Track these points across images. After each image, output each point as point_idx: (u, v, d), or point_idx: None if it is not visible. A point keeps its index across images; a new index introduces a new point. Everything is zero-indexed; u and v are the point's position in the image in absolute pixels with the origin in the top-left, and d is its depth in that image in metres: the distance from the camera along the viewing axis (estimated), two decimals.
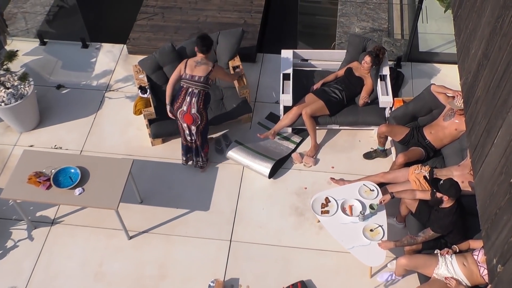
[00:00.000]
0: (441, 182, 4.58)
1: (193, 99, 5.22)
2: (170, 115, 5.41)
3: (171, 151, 6.06)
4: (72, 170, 5.10)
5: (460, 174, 4.98)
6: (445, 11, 7.03)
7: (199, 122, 5.36)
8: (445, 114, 5.47)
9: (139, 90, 5.87)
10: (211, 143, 6.01)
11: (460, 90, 3.79)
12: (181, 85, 5.29)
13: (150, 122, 5.93)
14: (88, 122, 6.35)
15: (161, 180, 5.83)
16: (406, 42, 6.87)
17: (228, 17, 7.27)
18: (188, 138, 5.55)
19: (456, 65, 3.94)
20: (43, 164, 5.14)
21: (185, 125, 5.41)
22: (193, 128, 5.42)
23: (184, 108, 5.27)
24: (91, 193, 4.99)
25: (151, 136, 5.97)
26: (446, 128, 5.43)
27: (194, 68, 5.21)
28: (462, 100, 4.97)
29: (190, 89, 5.21)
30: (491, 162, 2.92)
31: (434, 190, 4.61)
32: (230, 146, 5.92)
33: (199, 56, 5.27)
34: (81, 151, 6.08)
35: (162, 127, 5.92)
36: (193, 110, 5.28)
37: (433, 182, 4.65)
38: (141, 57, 6.51)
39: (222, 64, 6.26)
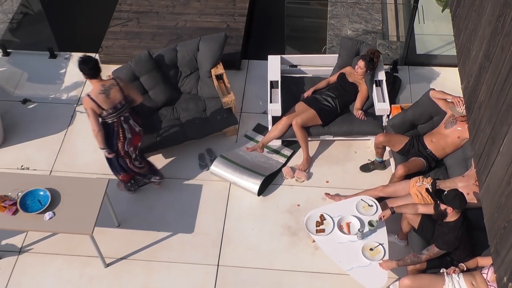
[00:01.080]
0: (445, 192, 4.62)
1: (130, 121, 5.15)
2: (111, 156, 5.24)
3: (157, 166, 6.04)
4: (41, 193, 5.05)
5: (465, 185, 5.03)
6: (442, 11, 7.13)
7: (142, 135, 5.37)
8: (447, 121, 5.53)
9: None
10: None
11: (462, 94, 3.84)
12: (109, 122, 5.05)
13: None
14: (58, 139, 6.31)
15: (140, 200, 5.80)
16: (402, 44, 6.94)
17: (210, 21, 7.31)
18: (137, 163, 5.48)
19: (457, 68, 4.00)
20: (9, 187, 5.09)
21: (131, 149, 5.31)
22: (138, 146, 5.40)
23: (130, 135, 5.20)
24: (63, 217, 4.94)
25: None
26: (448, 136, 5.48)
27: (107, 99, 4.93)
28: (464, 105, 5.03)
29: (121, 118, 5.08)
30: (498, 171, 2.95)
31: (438, 202, 4.64)
32: (215, 162, 5.92)
33: (96, 83, 4.93)
34: (51, 171, 6.03)
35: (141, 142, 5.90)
36: (137, 129, 5.26)
37: (436, 193, 4.69)
38: (115, 66, 6.51)
39: (204, 72, 6.28)
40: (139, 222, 5.64)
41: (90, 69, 4.88)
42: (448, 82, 6.62)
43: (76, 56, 7.07)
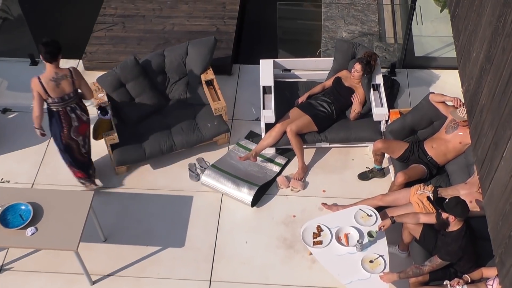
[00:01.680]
0: (447, 200, 4.64)
1: (77, 111, 5.26)
2: (38, 133, 5.31)
3: (138, 180, 6.03)
4: (23, 207, 5.02)
5: (467, 193, 5.04)
6: (441, 11, 7.18)
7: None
8: (447, 125, 5.55)
9: (99, 112, 5.84)
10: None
11: (463, 98, 3.86)
12: (53, 109, 5.15)
13: (113, 147, 5.90)
14: (40, 151, 6.28)
15: (128, 214, 5.78)
16: (400, 46, 6.98)
17: (198, 25, 7.33)
18: (83, 150, 5.58)
19: (457, 71, 4.02)
20: None
21: (80, 138, 5.43)
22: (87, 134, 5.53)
23: (76, 123, 5.31)
24: (46, 232, 4.91)
25: (115, 163, 5.94)
26: (449, 141, 5.51)
27: (56, 88, 5.02)
28: (465, 109, 5.05)
29: (67, 108, 5.18)
30: (501, 177, 2.96)
31: (439, 211, 4.65)
32: (206, 172, 5.91)
33: (50, 68, 5.01)
34: (33, 184, 6.00)
35: (126, 153, 5.90)
36: (85, 118, 5.37)
37: (437, 201, 4.70)
38: (100, 73, 6.50)
39: (194, 77, 6.29)
40: (127, 236, 5.62)
41: (46, 52, 4.94)
42: (448, 85, 6.66)
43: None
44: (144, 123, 6.16)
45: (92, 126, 5.74)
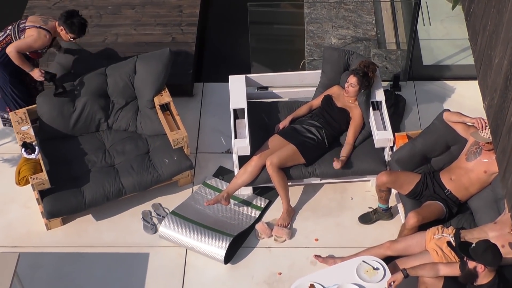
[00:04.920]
0: (473, 245, 4.66)
1: None
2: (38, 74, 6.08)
3: (77, 236, 5.96)
4: None
5: (498, 235, 5.07)
6: (453, 8, 7.29)
7: None
8: (468, 151, 5.61)
9: (23, 149, 5.80)
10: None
11: (485, 115, 3.91)
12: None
13: (43, 195, 5.84)
14: None
15: (64, 279, 5.70)
16: (404, 53, 7.07)
17: (149, 34, 7.35)
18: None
19: (476, 81, 4.08)
20: None
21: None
22: None
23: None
24: None
25: (45, 215, 5.87)
26: (472, 170, 5.56)
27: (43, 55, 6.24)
28: (489, 129, 5.12)
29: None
30: None
31: (464, 259, 4.67)
32: (164, 221, 5.87)
33: (65, 35, 6.09)
34: None
35: (60, 201, 5.84)
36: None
37: (461, 247, 4.72)
38: None
39: (145, 101, 6.28)
40: None
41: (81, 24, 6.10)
42: (466, 100, 6.75)
43: None
44: (83, 161, 6.12)
45: (14, 169, 5.70)
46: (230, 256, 5.79)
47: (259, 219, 6.06)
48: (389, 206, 5.99)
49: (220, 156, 6.53)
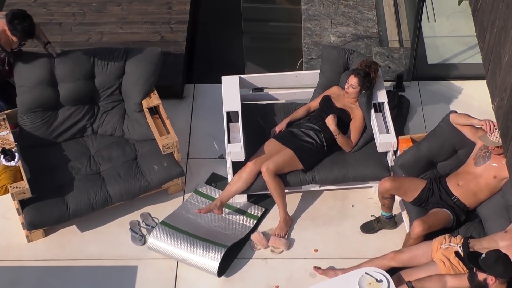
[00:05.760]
0: (483, 255, 4.66)
1: None
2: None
3: (61, 248, 5.95)
4: None
5: (509, 244, 5.07)
6: (459, 3, 7.31)
7: None
8: (477, 155, 5.63)
9: (2, 156, 5.80)
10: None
11: (494, 117, 3.93)
12: None
13: (23, 204, 5.83)
14: None
15: None
16: (408, 52, 7.09)
17: (136, 33, 7.36)
18: None
19: (484, 81, 4.10)
20: None
21: None
22: None
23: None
24: None
25: (26, 226, 5.86)
26: (480, 176, 5.57)
27: None
28: (498, 132, 5.13)
29: None
30: None
31: (474, 270, 4.67)
32: (154, 232, 5.86)
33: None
34: None
35: (42, 211, 5.82)
36: None
37: (470, 257, 4.72)
38: None
39: (132, 105, 6.27)
40: None
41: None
42: (475, 100, 6.76)
43: None
44: (66, 168, 6.12)
45: None
46: (224, 269, 5.79)
47: (254, 228, 6.07)
48: (393, 214, 5.99)
49: (213, 162, 6.53)
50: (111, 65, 6.31)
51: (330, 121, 5.98)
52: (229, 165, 6.05)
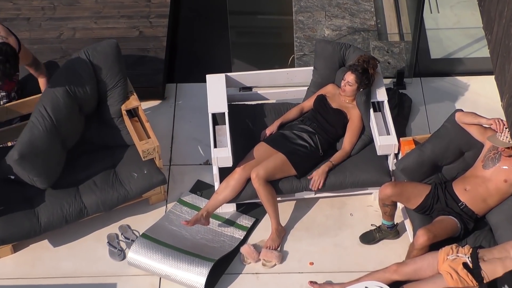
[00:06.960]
0: (501, 276, 4.68)
1: None
2: None
3: (31, 266, 5.94)
4: None
5: None
6: None
7: None
8: (485, 157, 5.64)
9: None
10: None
11: (504, 115, 3.95)
12: None
13: None
14: None
15: None
16: (409, 46, 7.11)
17: (112, 28, 7.34)
18: None
19: (493, 76, 4.12)
20: None
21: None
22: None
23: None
24: None
25: None
26: (490, 179, 5.59)
27: None
28: (508, 132, 5.15)
29: None
30: None
31: (484, 283, 4.68)
32: (134, 245, 5.85)
33: None
34: None
35: (11, 224, 5.81)
36: None
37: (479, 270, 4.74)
38: None
39: (108, 107, 6.26)
40: None
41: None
42: (482, 97, 6.79)
43: None
44: None
45: None
46: (212, 285, 5.79)
47: (244, 241, 6.07)
48: (395, 223, 6.01)
49: (198, 168, 6.53)
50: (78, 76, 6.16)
51: (316, 183, 5.99)
52: (215, 171, 6.06)
